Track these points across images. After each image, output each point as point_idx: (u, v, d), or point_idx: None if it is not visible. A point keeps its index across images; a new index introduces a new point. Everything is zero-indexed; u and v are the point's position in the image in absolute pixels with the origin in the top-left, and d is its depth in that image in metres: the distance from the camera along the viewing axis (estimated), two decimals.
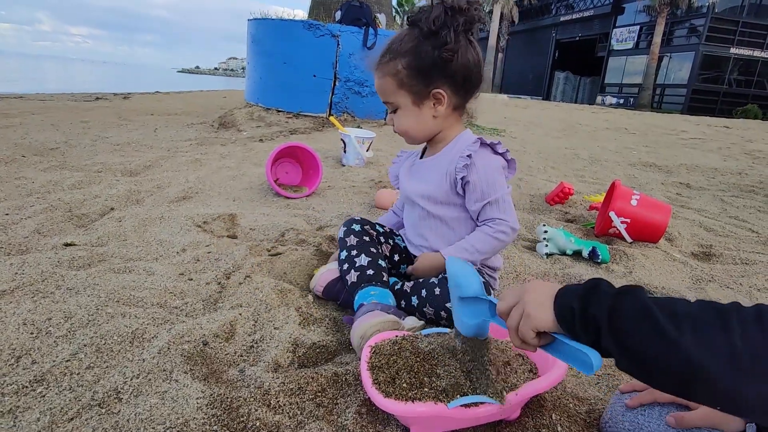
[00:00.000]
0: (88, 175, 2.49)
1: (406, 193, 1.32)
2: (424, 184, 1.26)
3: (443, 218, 1.25)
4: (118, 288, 1.25)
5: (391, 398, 0.71)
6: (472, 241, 1.19)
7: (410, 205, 1.33)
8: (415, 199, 1.27)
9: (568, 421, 0.83)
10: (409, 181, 1.31)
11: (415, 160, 1.35)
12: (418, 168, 1.31)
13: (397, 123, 1.21)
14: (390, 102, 1.18)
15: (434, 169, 1.25)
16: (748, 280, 1.65)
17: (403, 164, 1.39)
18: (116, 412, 0.82)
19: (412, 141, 1.25)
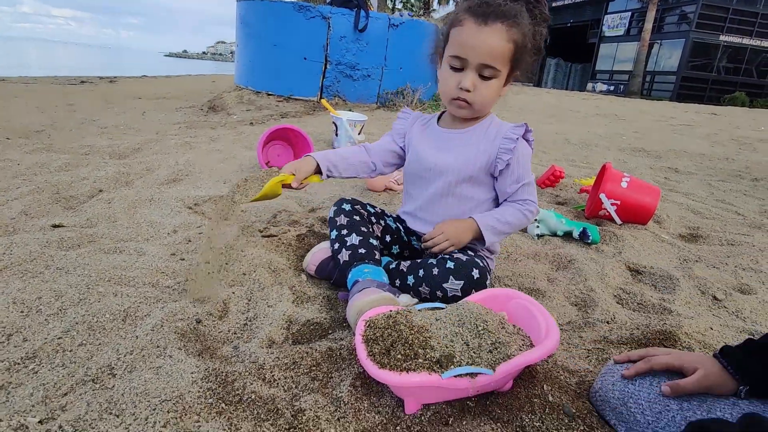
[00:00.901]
0: (75, 158, 2.45)
1: (427, 164, 1.22)
2: (452, 157, 1.20)
3: (464, 196, 1.22)
4: (109, 268, 1.24)
5: (386, 369, 0.72)
6: (503, 213, 1.19)
7: (426, 179, 1.25)
8: (442, 171, 1.20)
9: (558, 391, 0.84)
10: (433, 151, 1.23)
11: (438, 130, 1.26)
12: (447, 139, 1.23)
13: (483, 92, 1.09)
14: (492, 67, 1.06)
15: (467, 144, 1.19)
16: (734, 260, 1.68)
17: (416, 127, 1.31)
18: (110, 387, 0.82)
19: (469, 114, 1.16)
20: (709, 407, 0.69)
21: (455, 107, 1.15)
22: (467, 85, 1.07)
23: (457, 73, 1.09)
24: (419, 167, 1.25)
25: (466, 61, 1.06)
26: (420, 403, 0.79)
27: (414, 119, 1.33)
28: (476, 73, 1.07)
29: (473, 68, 1.06)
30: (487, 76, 1.08)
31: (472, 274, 1.07)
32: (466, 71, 1.07)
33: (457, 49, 1.07)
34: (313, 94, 4.62)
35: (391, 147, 1.34)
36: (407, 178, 1.33)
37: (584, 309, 1.27)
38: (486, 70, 1.06)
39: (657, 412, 0.72)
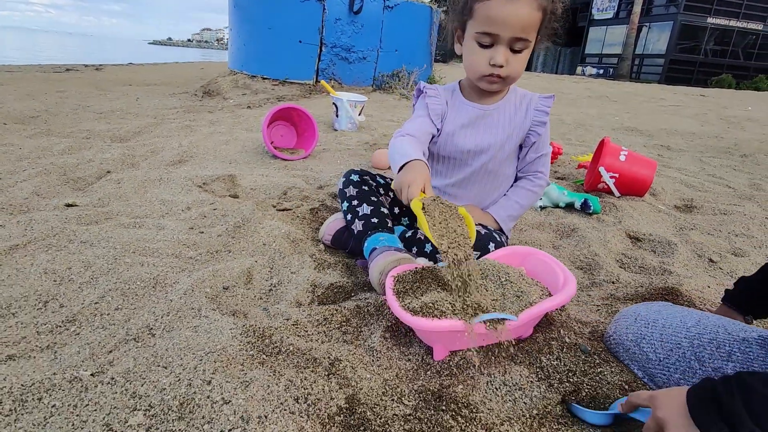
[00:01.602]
0: (77, 141, 2.45)
1: (464, 147, 1.20)
2: (493, 136, 1.18)
3: (498, 173, 1.23)
4: (132, 240, 1.28)
5: (419, 316, 0.77)
6: (515, 198, 1.24)
7: (461, 160, 1.22)
8: (482, 152, 1.19)
9: (574, 336, 0.91)
10: (469, 132, 1.20)
11: (466, 105, 1.20)
12: (480, 117, 1.19)
13: (516, 65, 1.06)
14: (523, 39, 1.02)
15: (503, 120, 1.18)
16: (727, 227, 1.76)
17: (449, 105, 1.23)
18: (152, 345, 0.87)
19: (501, 87, 1.14)
20: (719, 343, 0.75)
21: (486, 83, 1.11)
22: (501, 61, 1.04)
23: (486, 49, 1.05)
24: (455, 150, 1.22)
25: (498, 36, 1.02)
26: (448, 349, 0.84)
27: (444, 95, 1.24)
28: (507, 48, 1.04)
29: (505, 43, 1.03)
30: (518, 49, 1.04)
31: (488, 247, 1.12)
32: (497, 46, 1.03)
33: (486, 25, 1.02)
34: (308, 77, 4.61)
35: (431, 130, 1.21)
36: (436, 158, 1.28)
37: (590, 272, 1.33)
38: (518, 44, 1.03)
39: (668, 350, 0.78)
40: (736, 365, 0.73)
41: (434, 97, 1.23)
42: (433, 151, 1.27)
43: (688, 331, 0.79)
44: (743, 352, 0.74)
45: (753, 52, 21.70)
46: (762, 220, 1.85)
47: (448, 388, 0.76)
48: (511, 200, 1.26)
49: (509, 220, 1.26)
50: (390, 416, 0.72)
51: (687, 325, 0.80)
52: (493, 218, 1.25)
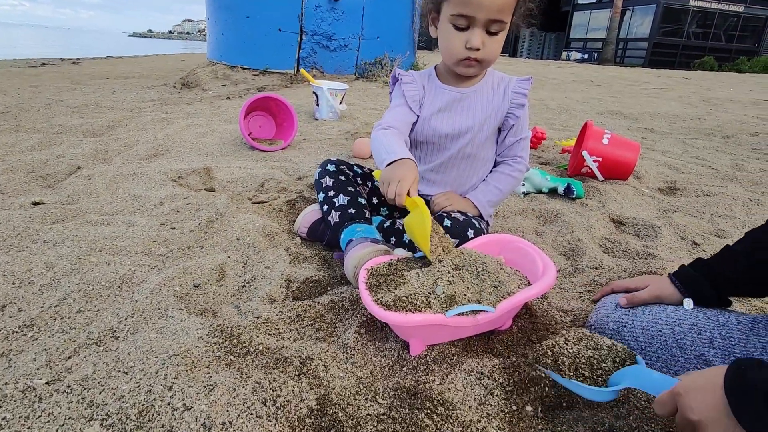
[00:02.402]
0: (47, 137, 2.36)
1: (441, 131, 1.18)
2: (470, 119, 1.16)
3: (477, 157, 1.21)
4: (99, 239, 1.22)
5: (392, 311, 0.74)
6: (495, 183, 1.22)
7: (439, 145, 1.21)
8: (459, 136, 1.17)
9: (555, 327, 0.88)
10: (445, 116, 1.18)
11: (443, 89, 1.18)
12: (455, 99, 1.18)
13: (492, 47, 1.05)
14: (500, 21, 1.01)
15: (480, 104, 1.17)
16: (710, 209, 1.75)
17: (426, 91, 1.21)
18: (114, 348, 0.82)
19: (478, 72, 1.13)
20: (699, 329, 0.73)
21: (463, 67, 1.10)
22: (477, 44, 1.02)
23: (462, 32, 1.03)
24: (433, 134, 1.20)
25: (473, 18, 1.00)
26: (425, 344, 0.81)
27: (420, 81, 1.22)
28: (483, 30, 1.02)
29: (480, 25, 1.01)
30: (494, 31, 1.02)
31: (467, 234, 1.09)
32: (473, 29, 1.01)
33: (461, 7, 0.99)
34: (289, 66, 4.52)
35: (411, 118, 1.20)
36: (414, 143, 1.25)
37: (573, 258, 1.31)
38: (494, 25, 1.01)
39: (649, 338, 0.76)
40: (717, 351, 0.71)
41: (410, 83, 1.21)
42: (414, 137, 1.25)
43: (668, 317, 0.77)
44: (724, 337, 0.72)
45: (734, 34, 21.86)
46: (744, 201, 1.85)
47: (424, 384, 0.73)
48: (491, 185, 1.24)
49: (489, 206, 1.23)
50: (363, 416, 0.68)
51: (666, 310, 0.78)
52: (473, 204, 1.22)
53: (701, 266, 0.82)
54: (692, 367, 0.72)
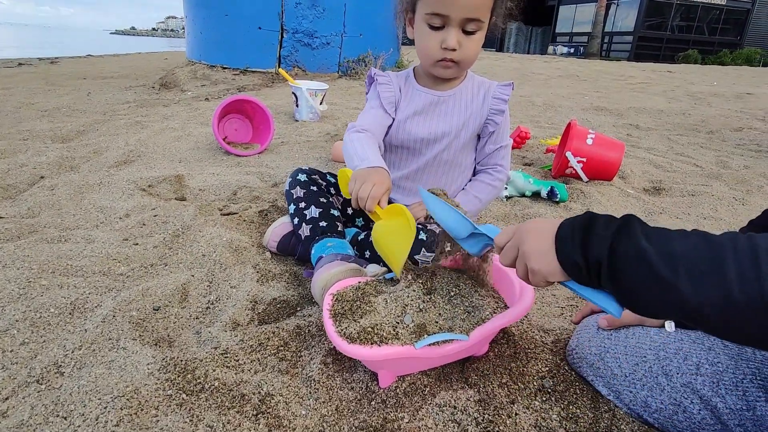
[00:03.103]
0: (13, 144, 2.26)
1: (417, 135, 1.13)
2: (447, 124, 1.12)
3: (454, 163, 1.17)
4: (53, 258, 1.14)
5: (357, 344, 0.68)
6: (475, 192, 1.17)
7: (414, 150, 1.16)
8: (436, 141, 1.12)
9: (534, 351, 0.83)
10: (422, 120, 1.13)
11: (420, 91, 1.13)
12: (432, 103, 1.13)
13: (470, 47, 1.00)
14: (477, 19, 0.96)
15: (458, 108, 1.12)
16: (695, 210, 1.71)
17: (402, 92, 1.16)
18: (57, 386, 0.75)
19: (455, 73, 1.08)
20: (685, 354, 0.68)
21: (440, 68, 1.05)
22: (452, 44, 0.97)
23: (437, 31, 0.98)
24: (408, 138, 1.15)
25: (448, 17, 0.95)
26: (395, 375, 0.75)
27: (396, 82, 1.17)
28: (459, 29, 0.97)
29: (456, 24, 0.96)
30: (470, 31, 0.98)
31: (444, 247, 1.04)
32: (448, 28, 0.97)
33: (435, 6, 0.95)
34: (270, 65, 4.42)
35: (386, 121, 1.15)
36: (389, 148, 1.21)
37: None
38: (470, 24, 0.96)
39: (634, 364, 0.71)
40: (705, 379, 0.66)
41: (385, 84, 1.15)
42: (389, 141, 1.19)
43: (652, 340, 0.72)
44: (711, 363, 0.67)
45: (717, 27, 22.08)
46: (730, 201, 1.82)
47: (392, 422, 0.67)
48: (470, 195, 1.19)
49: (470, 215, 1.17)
50: None
51: (650, 333, 0.73)
52: None
53: None
54: (679, 397, 0.67)
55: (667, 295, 0.49)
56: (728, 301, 0.46)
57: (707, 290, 0.47)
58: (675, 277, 0.49)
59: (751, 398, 0.63)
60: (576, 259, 0.57)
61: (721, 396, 0.64)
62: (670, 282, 0.49)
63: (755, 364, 0.66)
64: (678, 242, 0.51)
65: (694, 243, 0.51)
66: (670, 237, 0.52)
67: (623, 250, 0.53)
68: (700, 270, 0.48)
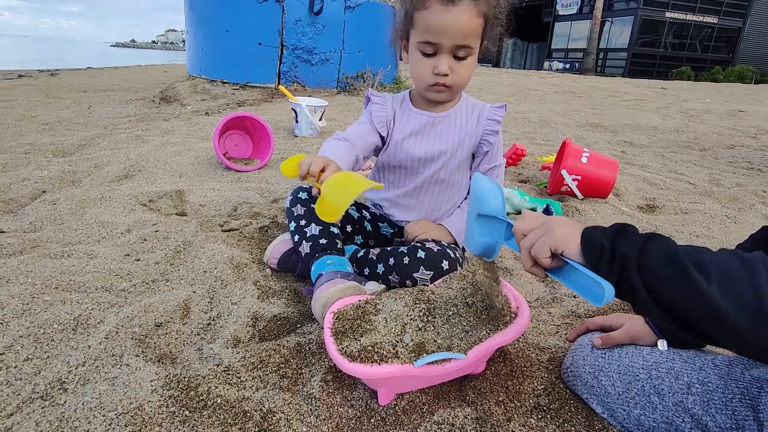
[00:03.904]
0: (14, 157, 2.28)
1: (414, 155, 1.16)
2: (442, 144, 1.15)
3: (450, 182, 1.20)
4: (56, 274, 1.16)
5: (357, 362, 0.69)
6: None
7: (412, 169, 1.20)
8: (432, 160, 1.16)
9: (530, 369, 0.84)
10: (418, 140, 1.17)
11: (415, 114, 1.18)
12: (429, 125, 1.17)
13: (461, 72, 1.04)
14: (467, 46, 1.01)
15: (453, 129, 1.16)
16: (688, 228, 1.75)
17: (397, 114, 1.20)
18: (61, 403, 0.76)
19: (449, 97, 1.13)
20: (677, 374, 0.70)
21: (433, 92, 1.09)
22: (444, 70, 1.02)
23: (429, 58, 1.03)
24: (405, 158, 1.18)
25: (439, 45, 1.00)
26: (394, 393, 0.77)
27: (391, 103, 1.22)
28: (450, 55, 1.02)
29: (447, 51, 1.01)
30: (462, 56, 1.02)
31: (441, 265, 1.07)
32: (440, 55, 1.02)
33: (427, 35, 1.00)
34: (270, 80, 4.47)
35: (374, 139, 1.19)
36: (386, 167, 1.25)
37: (551, 285, 1.28)
38: (461, 51, 1.01)
39: (627, 383, 0.73)
40: (696, 398, 0.68)
41: (379, 104, 1.21)
42: (383, 161, 1.24)
43: (644, 360, 0.74)
44: (702, 382, 0.69)
45: (709, 44, 22.50)
46: (722, 219, 1.85)
47: None
48: (466, 212, 1.21)
49: (464, 234, 1.19)
50: None
51: (643, 353, 0.75)
52: (448, 231, 1.19)
53: None
54: (671, 416, 0.69)
55: (697, 299, 0.51)
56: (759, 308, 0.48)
57: (738, 296, 0.49)
58: (707, 280, 0.51)
59: (740, 417, 0.65)
60: (602, 242, 0.59)
61: (711, 415, 0.66)
62: (703, 287, 0.51)
63: (744, 384, 0.68)
64: (708, 254, 0.54)
65: (725, 255, 0.54)
66: (700, 249, 0.56)
67: (656, 249, 0.55)
68: (732, 277, 0.50)
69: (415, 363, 0.70)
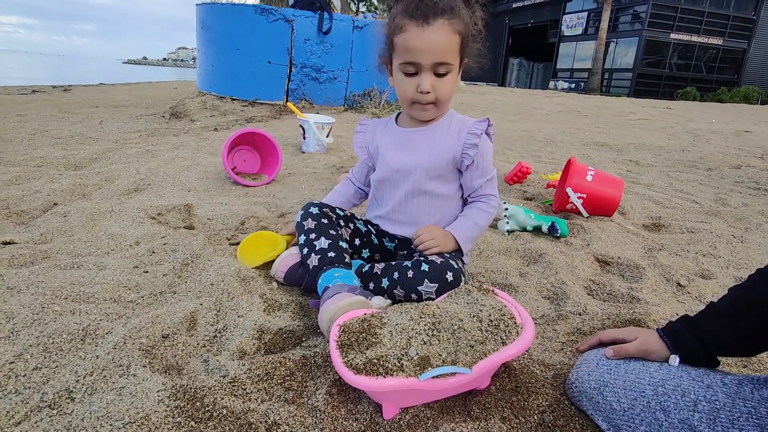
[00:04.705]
0: (27, 170, 2.32)
1: (394, 167, 1.22)
2: (419, 155, 1.20)
3: (434, 194, 1.22)
4: (66, 284, 1.17)
5: (362, 375, 0.70)
6: (474, 219, 1.21)
7: (394, 182, 1.25)
8: (410, 171, 1.20)
9: (535, 386, 0.84)
10: (397, 152, 1.23)
11: (398, 130, 1.25)
12: (409, 138, 1.23)
13: (443, 89, 1.10)
14: (445, 63, 1.06)
15: (430, 141, 1.20)
16: (694, 247, 1.74)
17: (378, 134, 1.30)
18: (69, 412, 0.77)
19: (434, 115, 1.18)
20: (684, 391, 0.70)
21: (419, 111, 1.15)
22: (426, 88, 1.07)
23: (412, 77, 1.09)
24: (386, 170, 1.25)
25: (419, 65, 1.06)
26: (398, 406, 0.77)
27: (373, 127, 1.32)
28: (431, 73, 1.07)
29: (428, 69, 1.06)
30: (442, 73, 1.08)
31: (446, 277, 1.07)
32: (422, 74, 1.08)
33: (407, 56, 1.06)
34: (278, 97, 4.55)
35: (367, 162, 1.35)
36: (375, 184, 1.31)
37: (556, 302, 1.28)
38: (440, 68, 1.07)
39: (632, 399, 0.73)
40: (702, 416, 0.68)
41: (361, 132, 1.34)
42: (373, 178, 1.31)
43: (651, 376, 0.74)
44: (709, 400, 0.69)
45: (714, 65, 22.64)
46: (728, 238, 1.85)
47: None
48: (471, 221, 1.22)
49: (468, 242, 1.22)
50: None
51: (650, 369, 0.75)
52: (454, 238, 1.19)
53: (689, 324, 0.80)
54: None
55: None
56: None
57: None
58: None
59: None
60: None
61: None
62: None
63: (752, 403, 0.68)
64: None
65: None
66: None
67: None
68: None
69: (420, 376, 0.71)
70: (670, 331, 0.81)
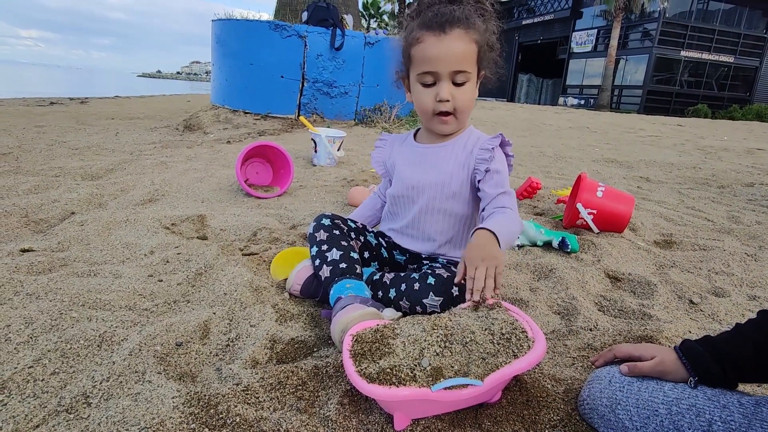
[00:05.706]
0: (45, 180, 2.38)
1: (409, 183, 1.22)
2: (432, 173, 1.20)
3: (448, 212, 1.21)
4: (83, 292, 1.20)
5: (375, 384, 0.71)
6: (506, 220, 1.05)
7: (409, 198, 1.25)
8: (424, 189, 1.20)
9: (546, 400, 0.84)
10: (414, 169, 1.23)
11: (414, 146, 1.26)
12: (424, 155, 1.23)
13: (462, 98, 1.10)
14: (463, 71, 1.07)
15: (447, 158, 1.20)
16: (707, 265, 1.73)
17: (395, 150, 1.31)
18: (86, 416, 0.79)
19: (454, 128, 1.17)
20: (698, 410, 0.70)
21: (438, 123, 1.14)
22: (445, 96, 1.07)
23: (430, 88, 1.10)
24: (401, 186, 1.25)
25: (438, 73, 1.07)
26: (409, 417, 0.77)
27: (391, 143, 1.34)
28: (450, 82, 1.08)
29: (446, 78, 1.07)
30: (460, 82, 1.08)
31: (451, 292, 1.07)
32: (440, 83, 1.08)
33: (425, 65, 1.07)
34: (290, 111, 4.62)
35: (385, 177, 1.38)
36: (391, 199, 1.31)
37: (567, 317, 1.28)
38: (458, 76, 1.07)
39: (645, 417, 0.73)
40: None
41: (379, 148, 1.36)
42: (389, 193, 1.32)
43: (665, 395, 0.74)
44: (724, 420, 0.68)
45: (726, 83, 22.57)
46: (742, 256, 1.83)
47: None
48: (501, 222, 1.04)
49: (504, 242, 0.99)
50: None
51: (664, 388, 0.75)
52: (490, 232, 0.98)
53: (711, 346, 0.78)
54: None
55: None
56: None
57: None
58: None
59: None
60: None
61: None
62: None
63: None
64: None
65: None
66: None
67: None
68: None
69: (432, 387, 0.71)
70: (689, 351, 0.78)
